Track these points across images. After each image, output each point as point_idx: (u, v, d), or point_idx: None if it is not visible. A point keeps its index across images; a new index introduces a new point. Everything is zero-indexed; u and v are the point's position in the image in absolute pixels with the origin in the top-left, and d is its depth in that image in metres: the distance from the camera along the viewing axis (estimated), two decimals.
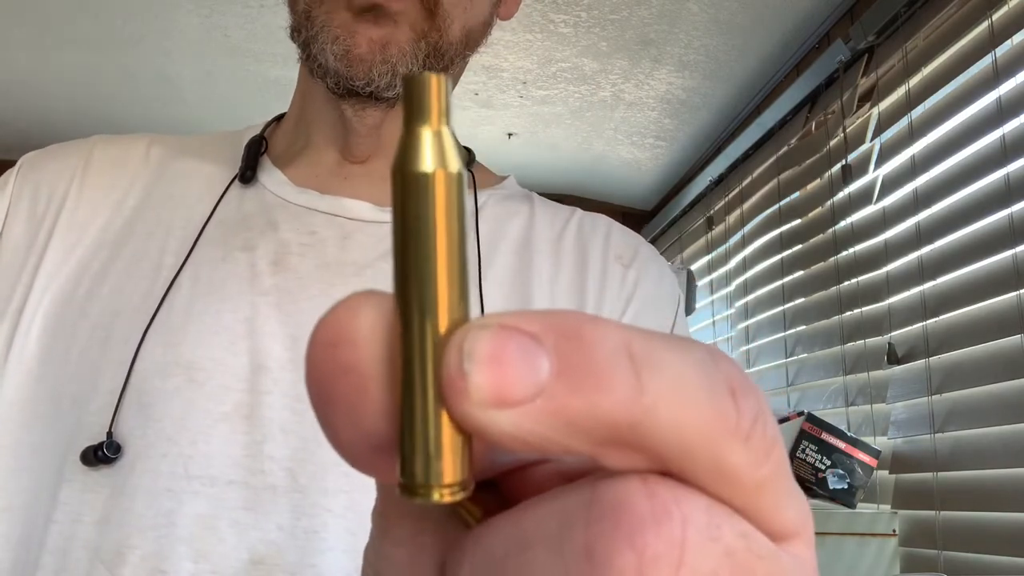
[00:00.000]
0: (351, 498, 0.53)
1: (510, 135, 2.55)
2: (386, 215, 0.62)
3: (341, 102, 0.61)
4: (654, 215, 2.99)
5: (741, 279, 2.30)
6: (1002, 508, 1.30)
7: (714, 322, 2.50)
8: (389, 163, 0.64)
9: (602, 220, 0.72)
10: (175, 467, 0.53)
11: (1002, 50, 1.35)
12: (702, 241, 2.62)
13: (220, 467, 0.53)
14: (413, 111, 0.16)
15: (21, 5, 1.94)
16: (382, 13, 0.57)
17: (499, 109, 2.37)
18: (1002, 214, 1.31)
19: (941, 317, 1.46)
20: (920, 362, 1.50)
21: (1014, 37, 1.33)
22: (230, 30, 2.03)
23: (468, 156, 0.71)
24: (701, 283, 2.48)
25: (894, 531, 1.52)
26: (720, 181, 2.46)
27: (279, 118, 0.71)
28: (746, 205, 2.29)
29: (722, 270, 2.46)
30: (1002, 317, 1.31)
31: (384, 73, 0.58)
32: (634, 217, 3.09)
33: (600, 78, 2.16)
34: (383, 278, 0.59)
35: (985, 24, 1.38)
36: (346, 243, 0.61)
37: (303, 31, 0.59)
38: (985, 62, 1.38)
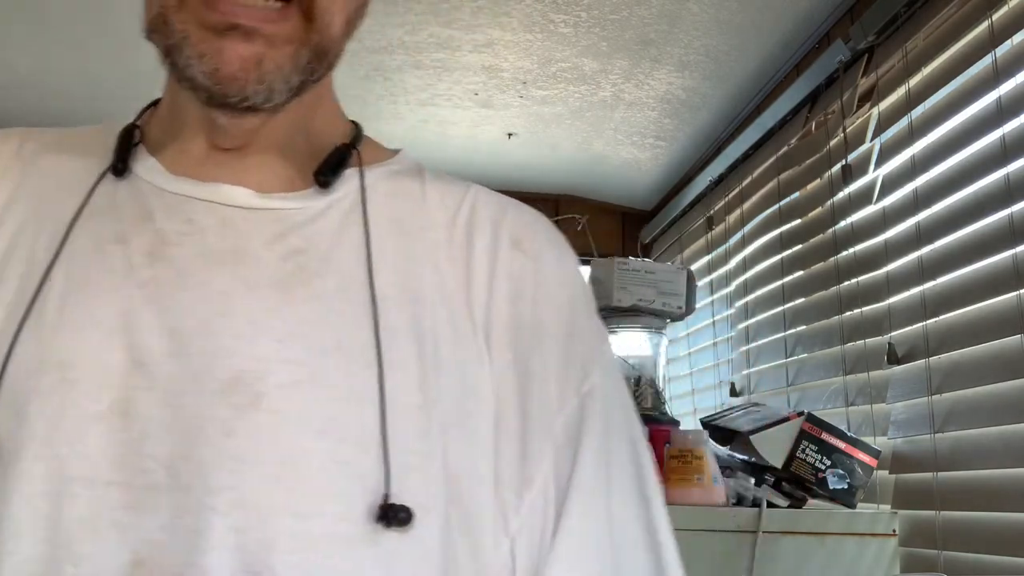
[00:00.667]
0: (237, 495, 0.50)
1: (510, 135, 2.55)
2: (266, 201, 0.60)
3: (213, 111, 0.58)
4: (654, 215, 2.99)
5: (741, 279, 2.30)
6: (1002, 508, 1.30)
7: (714, 322, 2.50)
8: (265, 150, 0.61)
9: (496, 198, 0.65)
10: (51, 469, 0.51)
11: (1002, 50, 1.35)
12: (702, 241, 2.62)
13: (98, 468, 0.51)
14: None
15: (21, 5, 1.95)
16: (253, 31, 0.54)
17: (499, 109, 2.37)
18: (1002, 214, 1.31)
19: (941, 317, 1.46)
20: (920, 362, 1.50)
21: (1014, 37, 1.33)
22: None
23: (356, 131, 0.67)
24: (701, 283, 2.48)
25: (894, 531, 1.52)
26: (720, 181, 2.46)
27: (156, 103, 0.68)
28: (746, 205, 2.29)
29: (722, 270, 2.46)
30: (1002, 317, 1.31)
31: (260, 91, 0.55)
32: (634, 217, 3.09)
33: (600, 78, 2.16)
34: (263, 265, 0.56)
35: (985, 24, 1.38)
36: (225, 231, 0.58)
37: (161, 37, 0.56)
38: (985, 62, 1.38)
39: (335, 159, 0.62)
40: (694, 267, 2.59)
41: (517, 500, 0.56)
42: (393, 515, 0.50)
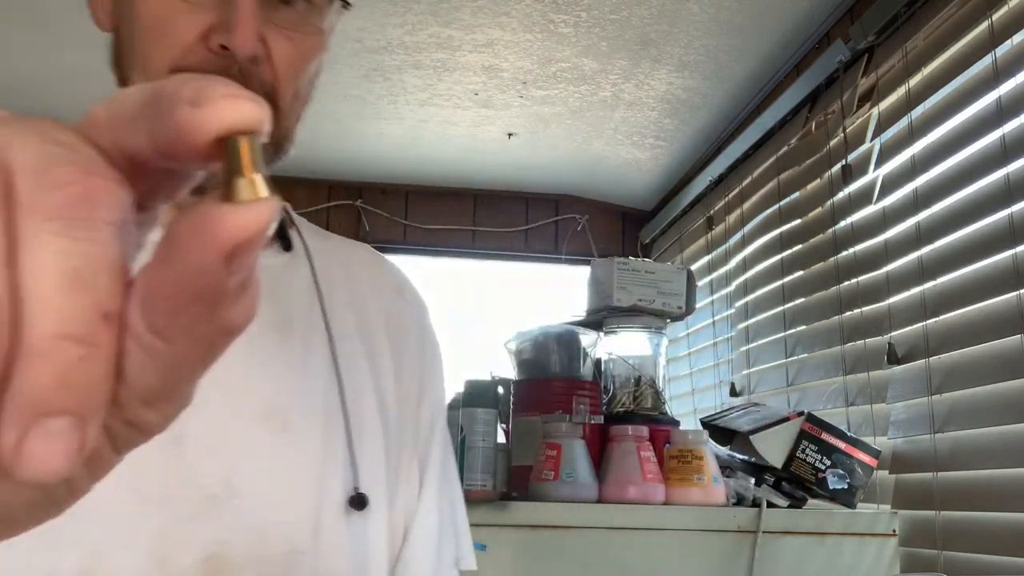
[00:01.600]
0: (280, 497, 0.64)
1: (510, 135, 2.55)
2: None
3: None
4: (654, 215, 2.99)
5: (741, 279, 2.30)
6: (1002, 508, 1.30)
7: (714, 322, 2.50)
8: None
9: (376, 255, 0.83)
10: (120, 490, 0.57)
11: (1002, 50, 1.35)
12: (702, 241, 2.62)
13: (163, 486, 0.60)
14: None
15: (21, 5, 1.95)
16: None
17: (499, 109, 2.37)
18: (1002, 214, 1.31)
19: (941, 317, 1.46)
20: (920, 362, 1.50)
21: (1014, 37, 1.33)
22: None
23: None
24: (701, 283, 2.48)
25: (894, 531, 1.52)
26: (720, 181, 2.46)
27: None
28: (746, 205, 2.29)
29: (722, 270, 2.46)
30: (1002, 317, 1.31)
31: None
32: (634, 217, 3.09)
33: (600, 78, 2.16)
34: (263, 314, 0.67)
35: (985, 24, 1.38)
36: None
37: None
38: (985, 62, 1.38)
39: (281, 221, 0.74)
40: (694, 267, 2.59)
41: (404, 482, 0.75)
42: (358, 501, 0.68)
